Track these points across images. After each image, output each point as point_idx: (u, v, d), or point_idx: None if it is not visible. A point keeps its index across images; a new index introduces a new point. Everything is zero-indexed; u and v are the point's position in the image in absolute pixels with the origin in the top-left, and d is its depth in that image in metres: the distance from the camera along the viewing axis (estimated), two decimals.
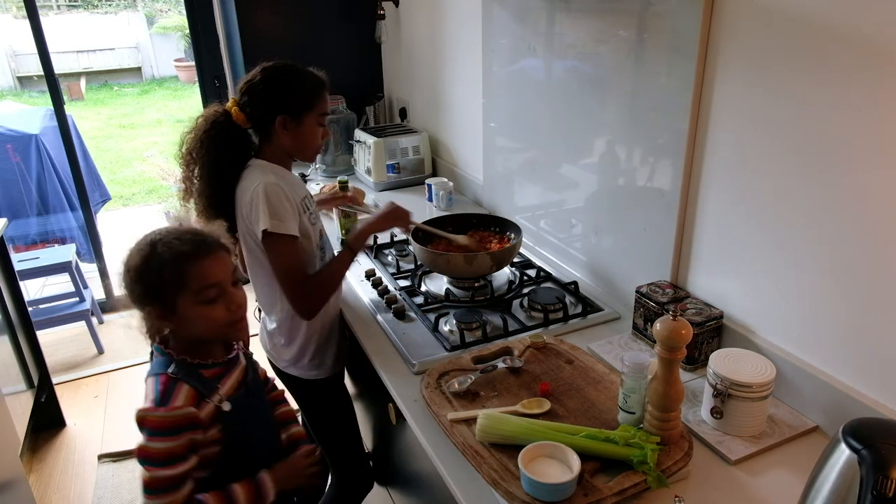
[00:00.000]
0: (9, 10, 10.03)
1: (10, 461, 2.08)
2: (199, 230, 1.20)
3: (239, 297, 1.20)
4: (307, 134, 1.53)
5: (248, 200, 1.47)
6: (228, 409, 1.18)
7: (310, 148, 1.57)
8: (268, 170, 1.51)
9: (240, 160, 1.54)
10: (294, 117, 1.50)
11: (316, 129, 1.54)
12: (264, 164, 1.53)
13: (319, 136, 1.56)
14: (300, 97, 1.50)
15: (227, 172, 1.52)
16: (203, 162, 1.52)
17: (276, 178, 1.48)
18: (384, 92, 3.27)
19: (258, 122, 1.52)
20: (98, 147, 7.71)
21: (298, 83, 1.51)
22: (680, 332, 1.05)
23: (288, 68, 1.52)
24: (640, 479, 1.04)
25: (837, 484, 0.83)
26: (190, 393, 1.14)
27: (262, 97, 1.50)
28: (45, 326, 3.35)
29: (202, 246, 1.16)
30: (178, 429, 1.11)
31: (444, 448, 1.20)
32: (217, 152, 1.51)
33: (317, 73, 1.55)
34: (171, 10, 11.68)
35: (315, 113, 1.52)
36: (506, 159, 2.19)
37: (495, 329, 1.57)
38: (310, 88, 1.51)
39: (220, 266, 1.18)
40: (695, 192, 1.42)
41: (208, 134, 1.51)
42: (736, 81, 1.27)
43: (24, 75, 10.11)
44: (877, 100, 1.02)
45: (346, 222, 2.09)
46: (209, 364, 1.21)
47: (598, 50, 1.62)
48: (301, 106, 1.50)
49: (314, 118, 1.52)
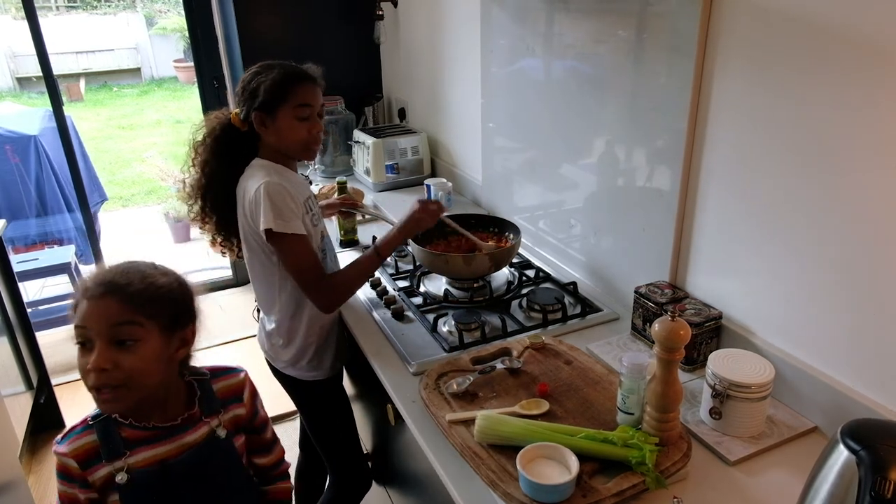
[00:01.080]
0: (8, 10, 10.03)
1: (9, 463, 2.07)
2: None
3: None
4: (284, 128, 1.47)
5: (251, 199, 1.45)
6: (122, 481, 1.06)
7: (294, 143, 1.50)
8: (270, 169, 1.50)
9: (240, 163, 1.54)
10: (268, 112, 1.46)
11: (294, 122, 1.47)
12: (266, 163, 1.52)
13: (303, 130, 1.49)
14: (270, 91, 1.45)
15: (227, 173, 1.53)
16: (209, 164, 1.54)
17: (279, 178, 1.47)
18: (383, 92, 3.27)
19: (249, 123, 1.51)
20: (97, 148, 7.71)
21: (268, 77, 1.46)
22: (678, 333, 1.05)
23: (262, 65, 1.50)
24: (639, 479, 1.04)
25: (836, 485, 0.82)
26: (86, 446, 1.07)
27: (243, 97, 1.49)
28: (44, 328, 3.34)
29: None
30: (63, 474, 1.08)
31: (442, 449, 1.20)
32: (219, 151, 1.53)
33: (296, 66, 1.50)
34: (170, 11, 11.67)
35: (290, 105, 1.46)
36: (505, 160, 2.19)
37: (494, 330, 1.57)
38: (280, 81, 1.45)
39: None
40: (694, 192, 1.42)
41: (213, 136, 1.54)
42: (735, 81, 1.26)
43: (24, 76, 10.11)
44: (877, 99, 1.02)
45: (344, 223, 2.09)
46: (135, 425, 1.10)
47: (597, 50, 1.62)
48: (272, 99, 1.45)
49: (289, 111, 1.46)
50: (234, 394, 1.20)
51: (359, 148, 2.79)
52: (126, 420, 1.09)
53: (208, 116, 1.58)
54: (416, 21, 2.75)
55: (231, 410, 1.19)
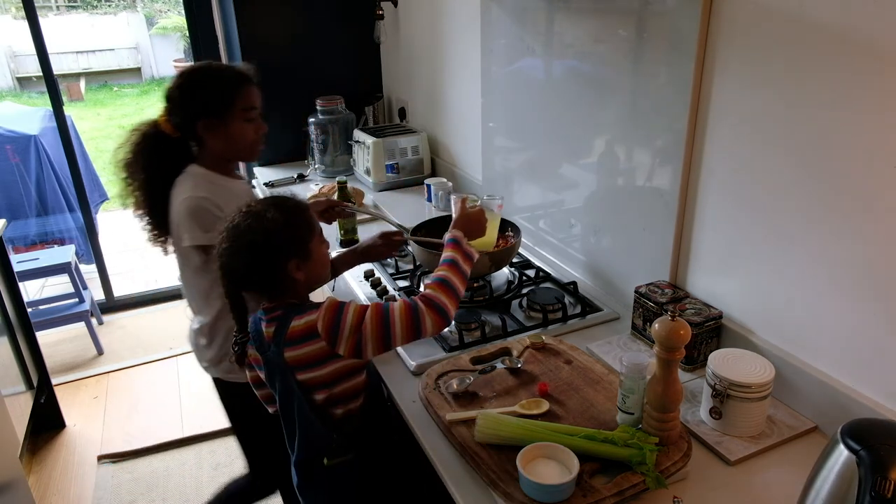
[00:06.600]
0: (8, 10, 10.03)
1: (9, 463, 2.08)
2: None
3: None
4: (235, 133, 1.47)
5: (176, 212, 1.46)
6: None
7: (243, 147, 1.50)
8: (200, 179, 1.48)
9: (176, 170, 1.50)
10: (217, 118, 1.45)
11: (244, 125, 1.47)
12: (200, 171, 1.49)
13: (251, 132, 1.49)
14: (217, 97, 1.44)
15: (164, 184, 1.50)
16: (138, 176, 1.50)
17: (206, 190, 1.45)
18: (383, 92, 3.27)
19: (185, 130, 1.48)
20: (97, 147, 7.71)
21: (213, 83, 1.45)
22: (678, 333, 1.05)
23: (201, 69, 1.48)
24: (639, 479, 1.04)
25: (836, 485, 0.82)
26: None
27: (180, 104, 1.46)
28: (44, 327, 3.35)
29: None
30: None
31: (442, 449, 1.20)
32: (150, 166, 1.49)
33: (236, 68, 1.49)
34: (170, 11, 11.68)
35: (238, 109, 1.45)
36: (505, 159, 2.19)
37: (494, 329, 1.57)
38: (226, 85, 1.44)
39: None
40: (693, 191, 1.42)
41: (140, 147, 1.49)
42: (735, 81, 1.26)
43: (24, 76, 10.12)
44: (877, 99, 1.02)
45: (345, 223, 2.09)
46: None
47: (597, 50, 1.62)
48: (220, 105, 1.44)
49: (239, 114, 1.46)
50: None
51: (359, 148, 2.79)
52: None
53: (131, 132, 1.52)
54: (416, 21, 2.75)
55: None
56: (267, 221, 1.17)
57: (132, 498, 2.46)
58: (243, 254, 1.17)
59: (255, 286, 1.22)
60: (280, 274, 1.19)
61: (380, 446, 1.32)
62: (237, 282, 1.21)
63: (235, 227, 1.17)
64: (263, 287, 1.22)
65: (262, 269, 1.18)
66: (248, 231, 1.16)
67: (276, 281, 1.20)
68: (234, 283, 1.21)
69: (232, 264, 1.18)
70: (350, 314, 1.13)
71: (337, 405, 1.23)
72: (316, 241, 1.24)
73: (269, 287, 1.22)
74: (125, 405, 3.03)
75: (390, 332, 1.13)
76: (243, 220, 1.17)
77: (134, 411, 2.98)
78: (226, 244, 1.18)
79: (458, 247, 1.29)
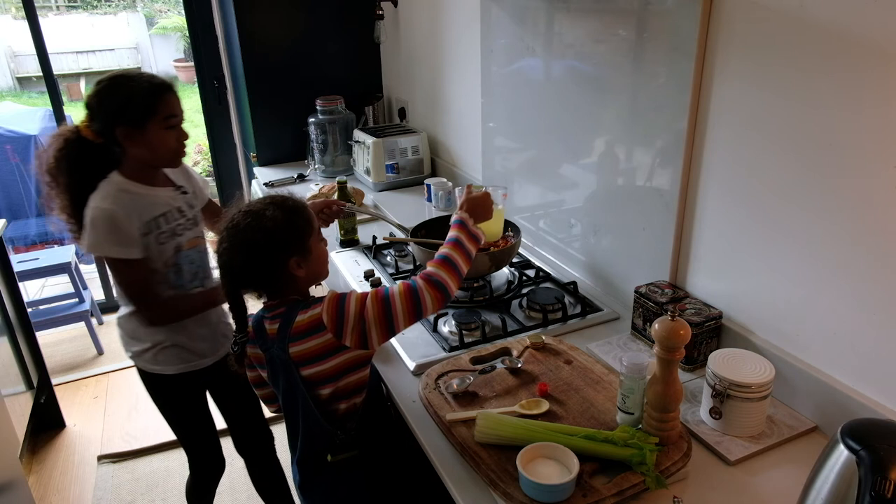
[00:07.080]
0: (8, 10, 10.03)
1: (9, 462, 2.08)
2: None
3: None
4: (155, 141, 1.48)
5: (84, 218, 1.48)
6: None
7: (164, 154, 1.52)
8: (112, 188, 1.49)
9: (99, 175, 1.51)
10: (136, 126, 1.46)
11: (164, 133, 1.48)
12: (116, 180, 1.50)
13: (172, 140, 1.51)
14: (135, 105, 1.44)
15: (85, 188, 1.51)
16: (61, 180, 1.51)
17: (112, 202, 1.46)
18: (383, 92, 3.27)
19: (105, 137, 1.48)
20: None
21: (130, 91, 1.45)
22: (678, 333, 1.05)
23: (118, 77, 1.48)
24: (639, 479, 1.04)
25: (836, 485, 0.82)
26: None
27: (98, 112, 1.47)
28: (44, 327, 3.35)
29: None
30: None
31: (442, 449, 1.20)
32: (72, 170, 1.50)
33: (155, 77, 1.51)
34: (170, 11, 11.67)
35: (159, 117, 1.46)
36: (505, 159, 2.19)
37: (494, 329, 1.57)
38: (145, 94, 1.45)
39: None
40: (694, 191, 1.42)
41: (62, 153, 1.50)
42: (735, 81, 1.26)
43: (24, 76, 10.13)
44: (877, 99, 1.02)
45: (345, 223, 2.09)
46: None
47: (597, 50, 1.62)
48: (140, 113, 1.45)
49: (159, 122, 1.47)
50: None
51: (359, 148, 2.79)
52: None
53: (54, 137, 1.53)
54: (416, 21, 2.75)
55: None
56: (267, 220, 1.17)
57: (132, 498, 2.46)
58: (244, 253, 1.17)
59: (255, 285, 1.23)
60: (281, 272, 1.19)
61: (382, 443, 1.32)
62: (237, 281, 1.21)
63: (235, 226, 1.18)
64: (264, 285, 1.23)
65: (263, 268, 1.19)
66: (248, 230, 1.16)
67: (278, 279, 1.21)
68: (235, 282, 1.21)
69: (232, 263, 1.18)
70: (352, 303, 1.14)
71: (341, 400, 1.23)
72: (315, 238, 1.25)
73: (270, 285, 1.23)
74: (125, 405, 3.03)
75: (392, 314, 1.13)
76: (243, 219, 1.17)
77: (134, 411, 2.98)
78: (226, 244, 1.18)
79: (463, 227, 1.29)
